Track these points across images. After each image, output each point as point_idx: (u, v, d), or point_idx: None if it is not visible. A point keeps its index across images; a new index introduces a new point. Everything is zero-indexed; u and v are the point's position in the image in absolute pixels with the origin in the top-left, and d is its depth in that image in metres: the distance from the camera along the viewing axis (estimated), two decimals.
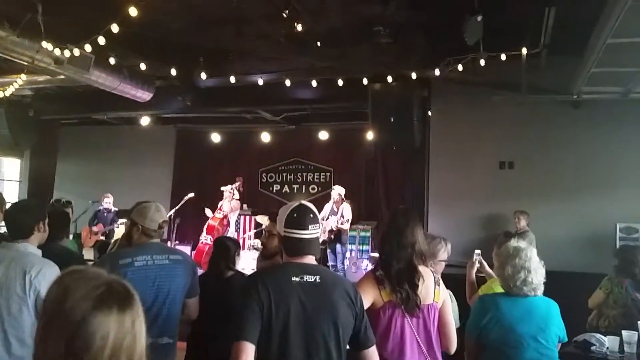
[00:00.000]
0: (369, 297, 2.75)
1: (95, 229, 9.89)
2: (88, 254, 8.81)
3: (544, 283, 3.05)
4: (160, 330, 3.07)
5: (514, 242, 3.17)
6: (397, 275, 2.78)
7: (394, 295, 2.75)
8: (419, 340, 2.75)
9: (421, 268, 2.84)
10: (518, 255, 3.03)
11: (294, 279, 2.29)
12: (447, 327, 2.89)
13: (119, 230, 9.67)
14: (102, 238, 9.70)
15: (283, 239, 2.45)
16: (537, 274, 3.00)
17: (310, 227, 2.39)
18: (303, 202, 2.50)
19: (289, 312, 2.22)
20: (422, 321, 2.77)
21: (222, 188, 10.33)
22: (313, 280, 2.31)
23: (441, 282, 2.93)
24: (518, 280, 2.96)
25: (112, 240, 8.42)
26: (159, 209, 3.29)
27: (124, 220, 9.64)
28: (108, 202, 10.12)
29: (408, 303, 2.73)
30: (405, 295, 2.73)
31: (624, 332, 3.75)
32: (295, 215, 2.41)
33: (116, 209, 10.06)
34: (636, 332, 3.73)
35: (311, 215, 2.42)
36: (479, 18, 5.55)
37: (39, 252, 3.13)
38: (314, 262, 2.45)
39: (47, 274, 2.87)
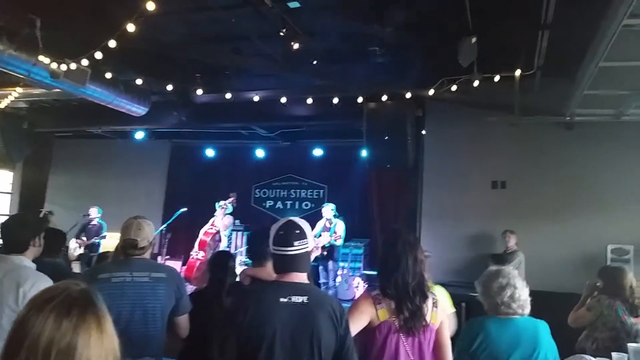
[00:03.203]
0: (365, 317, 2.75)
1: (79, 241, 9.87)
2: (75, 267, 8.77)
3: (532, 303, 3.01)
4: (141, 350, 2.99)
5: (494, 267, 3.19)
6: (398, 296, 2.77)
7: (391, 315, 2.74)
8: None
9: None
10: (500, 274, 3.01)
11: (281, 299, 2.32)
12: (443, 350, 2.87)
13: (107, 243, 9.64)
14: (85, 251, 9.68)
15: (272, 256, 2.50)
16: (523, 291, 2.97)
17: (295, 243, 2.41)
18: (292, 218, 2.53)
19: (273, 333, 2.25)
20: (418, 342, 2.76)
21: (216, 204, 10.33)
22: (300, 301, 2.34)
23: (439, 303, 2.91)
24: (505, 297, 2.92)
25: (97, 254, 8.33)
26: (140, 226, 3.21)
27: (106, 233, 9.75)
28: (93, 215, 10.08)
29: (407, 324, 2.73)
30: (406, 316, 2.73)
31: (614, 355, 3.73)
32: (281, 232, 2.45)
33: (101, 223, 10.02)
34: (626, 355, 3.73)
35: (297, 232, 2.44)
36: (474, 40, 5.62)
37: (34, 266, 3.11)
38: (304, 280, 2.47)
39: (41, 288, 2.84)
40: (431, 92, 7.16)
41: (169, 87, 8.33)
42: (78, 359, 1.26)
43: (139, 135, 11.27)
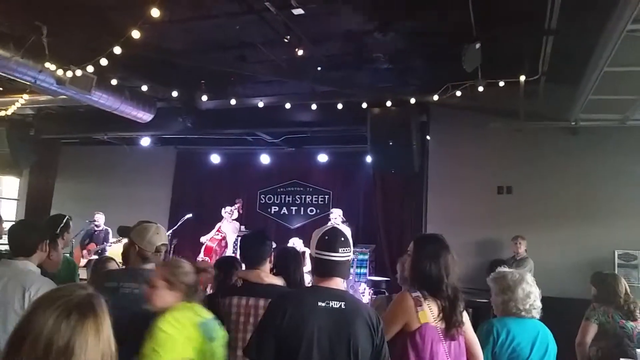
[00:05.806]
0: (402, 319, 2.73)
1: (87, 248, 9.88)
2: (82, 273, 8.75)
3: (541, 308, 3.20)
4: None
5: (507, 269, 3.26)
6: (447, 298, 2.78)
7: (434, 319, 2.73)
8: None
9: None
10: (525, 280, 3.19)
11: (320, 303, 2.35)
12: (473, 346, 2.91)
13: (113, 249, 9.59)
14: (95, 257, 9.66)
15: (314, 260, 2.53)
16: (539, 299, 3.19)
17: (340, 250, 2.46)
18: (336, 226, 2.59)
19: (311, 336, 2.29)
20: (457, 343, 2.78)
21: (222, 211, 10.35)
22: (338, 306, 2.36)
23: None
24: (527, 304, 3.12)
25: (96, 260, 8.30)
26: (159, 231, 3.22)
27: (114, 239, 9.73)
28: (98, 221, 10.10)
29: (452, 327, 2.74)
30: (456, 319, 2.75)
31: None
32: (326, 237, 2.50)
33: (107, 228, 10.04)
34: None
35: (342, 239, 2.50)
36: (478, 45, 5.61)
37: (39, 271, 3.13)
38: (342, 287, 2.52)
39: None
40: (435, 97, 7.15)
41: (174, 94, 8.36)
42: (77, 359, 1.34)
43: (145, 141, 11.30)
